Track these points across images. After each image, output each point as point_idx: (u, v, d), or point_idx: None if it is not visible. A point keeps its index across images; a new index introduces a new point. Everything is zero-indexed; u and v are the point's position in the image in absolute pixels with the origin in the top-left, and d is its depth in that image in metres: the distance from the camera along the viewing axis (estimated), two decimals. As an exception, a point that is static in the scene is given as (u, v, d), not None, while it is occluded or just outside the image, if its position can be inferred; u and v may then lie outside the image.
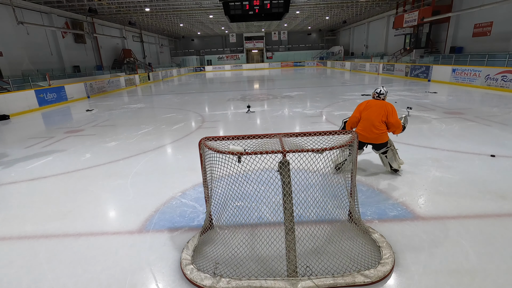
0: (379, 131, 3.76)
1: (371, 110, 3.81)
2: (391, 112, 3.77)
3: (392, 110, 3.79)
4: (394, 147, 4.01)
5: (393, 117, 3.77)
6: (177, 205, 3.50)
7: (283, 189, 2.13)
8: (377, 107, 3.80)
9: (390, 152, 3.97)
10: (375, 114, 3.76)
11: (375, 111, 3.77)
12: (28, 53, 17.00)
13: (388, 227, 2.87)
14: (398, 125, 3.80)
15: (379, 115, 3.75)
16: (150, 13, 23.60)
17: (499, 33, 15.52)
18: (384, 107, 3.78)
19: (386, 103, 3.84)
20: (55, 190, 4.17)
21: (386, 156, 4.01)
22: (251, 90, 16.37)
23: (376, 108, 3.79)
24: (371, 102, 3.89)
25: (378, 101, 3.87)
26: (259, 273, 2.28)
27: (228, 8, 9.57)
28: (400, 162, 4.04)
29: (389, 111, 3.77)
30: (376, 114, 3.76)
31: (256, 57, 45.95)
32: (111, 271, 2.44)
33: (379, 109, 3.78)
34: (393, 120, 3.76)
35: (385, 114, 3.75)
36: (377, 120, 3.75)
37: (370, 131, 3.78)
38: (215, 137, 2.45)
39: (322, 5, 23.82)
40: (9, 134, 8.14)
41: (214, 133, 7.10)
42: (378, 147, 3.94)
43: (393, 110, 3.81)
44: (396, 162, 4.01)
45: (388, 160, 4.03)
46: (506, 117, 7.33)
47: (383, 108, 3.77)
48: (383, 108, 3.77)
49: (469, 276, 2.22)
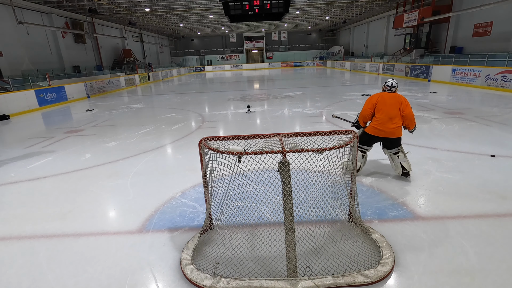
0: (396, 124, 3.64)
1: (385, 103, 3.69)
2: (405, 103, 3.67)
3: (406, 101, 3.70)
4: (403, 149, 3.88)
5: (408, 108, 3.66)
6: (177, 205, 3.50)
7: (283, 189, 2.13)
8: (392, 99, 3.69)
9: (402, 154, 3.82)
10: (391, 107, 3.65)
11: (390, 104, 3.66)
12: (28, 53, 17.00)
13: (388, 227, 2.87)
14: (412, 118, 3.68)
15: (395, 108, 3.64)
16: (150, 13, 23.61)
17: (499, 33, 15.52)
18: (399, 99, 3.68)
19: (399, 95, 3.74)
20: (55, 190, 4.17)
21: (398, 156, 3.83)
22: (251, 90, 16.37)
23: (391, 101, 3.68)
24: (384, 95, 3.76)
25: (391, 94, 3.76)
26: (259, 273, 2.28)
27: (228, 8, 9.56)
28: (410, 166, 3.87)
29: (404, 103, 3.67)
30: (392, 106, 3.65)
31: (256, 57, 45.95)
32: (111, 271, 2.44)
33: (394, 101, 3.67)
34: (408, 111, 3.65)
35: (400, 106, 3.65)
36: (393, 112, 3.64)
37: (386, 125, 3.65)
38: (215, 137, 2.45)
39: (322, 5, 23.83)
40: (9, 134, 8.14)
41: (214, 133, 7.10)
42: (393, 143, 3.77)
43: (407, 102, 3.71)
44: (408, 163, 3.83)
45: (400, 161, 3.84)
46: (506, 117, 7.33)
47: (397, 100, 3.67)
48: (397, 100, 3.67)
49: (469, 276, 2.22)
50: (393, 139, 3.75)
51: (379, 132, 3.72)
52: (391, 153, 3.87)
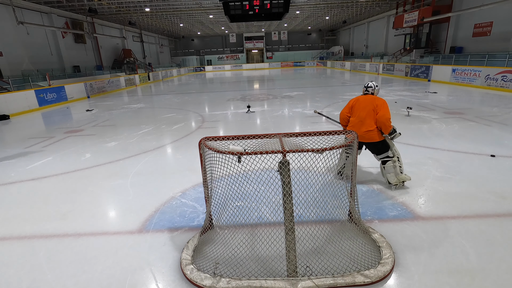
0: (368, 128, 3.46)
1: (359, 106, 3.56)
2: (381, 106, 3.45)
3: (382, 104, 3.47)
4: (399, 160, 3.58)
5: (382, 110, 3.42)
6: (177, 205, 3.50)
7: (283, 189, 2.13)
8: (366, 101, 3.54)
9: (390, 164, 3.56)
10: (363, 110, 3.50)
11: (363, 107, 3.52)
12: (28, 53, 17.00)
13: (388, 227, 2.87)
14: (385, 121, 3.40)
15: (367, 110, 3.47)
16: (150, 13, 23.60)
17: (499, 33, 15.52)
18: (373, 101, 3.50)
19: (375, 97, 3.56)
20: (55, 190, 4.17)
21: (384, 167, 3.62)
22: (251, 90, 16.37)
23: (364, 103, 3.53)
24: (360, 98, 3.64)
25: (367, 96, 3.62)
26: (259, 273, 2.28)
27: (228, 8, 9.56)
28: (402, 177, 3.57)
29: (379, 105, 3.46)
30: (364, 109, 3.49)
31: (256, 57, 45.94)
32: (111, 271, 2.44)
33: (368, 103, 3.52)
34: (381, 113, 3.40)
35: (374, 108, 3.46)
36: (364, 115, 3.47)
37: (357, 129, 3.48)
38: (215, 137, 2.45)
39: (322, 5, 23.82)
40: (9, 134, 8.14)
41: (214, 133, 7.10)
42: (374, 147, 3.58)
43: (384, 105, 3.47)
44: (394, 177, 3.58)
45: (385, 172, 3.62)
46: (506, 117, 7.33)
47: (371, 102, 3.50)
48: (371, 102, 3.50)
49: (469, 276, 2.22)
50: (372, 144, 3.56)
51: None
52: (379, 159, 3.66)
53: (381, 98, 3.57)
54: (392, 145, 3.63)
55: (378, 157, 3.67)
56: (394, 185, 3.61)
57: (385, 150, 3.57)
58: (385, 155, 3.58)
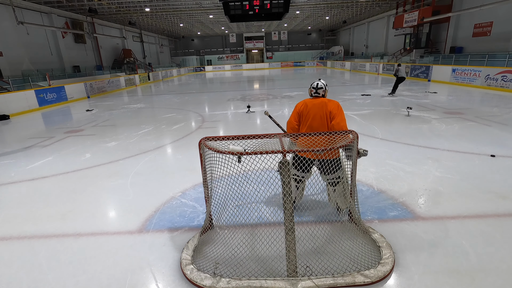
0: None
1: (308, 113, 2.85)
2: (336, 111, 2.78)
3: (336, 107, 2.80)
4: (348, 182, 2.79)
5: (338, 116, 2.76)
6: (177, 205, 3.50)
7: (283, 189, 2.13)
8: (316, 107, 2.83)
9: (340, 186, 2.86)
10: (314, 118, 2.82)
11: (314, 114, 2.82)
12: (28, 53, 17.00)
13: (388, 227, 2.87)
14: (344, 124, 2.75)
15: (319, 118, 2.80)
16: (150, 13, 23.61)
17: (499, 33, 15.52)
18: (324, 106, 2.81)
19: (327, 101, 2.85)
20: (55, 190, 4.17)
21: (334, 189, 2.93)
22: (251, 90, 16.37)
23: (314, 110, 2.83)
24: (307, 103, 2.90)
25: (317, 100, 2.88)
26: (259, 273, 2.28)
27: (228, 8, 9.56)
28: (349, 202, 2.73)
29: (333, 110, 2.78)
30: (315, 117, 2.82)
31: (256, 57, 45.94)
32: (111, 271, 2.44)
33: (319, 110, 2.81)
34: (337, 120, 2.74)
35: (327, 114, 2.79)
36: (316, 124, 2.81)
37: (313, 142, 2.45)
38: (215, 137, 2.45)
39: (322, 5, 23.82)
40: (9, 134, 8.14)
41: (214, 133, 7.10)
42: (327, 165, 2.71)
43: (338, 109, 2.80)
44: (346, 201, 2.84)
45: (335, 195, 2.96)
46: (506, 117, 7.33)
47: (322, 107, 2.81)
48: (323, 108, 2.81)
49: (469, 276, 2.22)
50: (326, 161, 2.71)
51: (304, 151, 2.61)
52: (328, 180, 2.91)
53: (334, 100, 2.87)
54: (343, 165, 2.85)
55: (328, 177, 2.88)
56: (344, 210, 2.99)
57: (336, 170, 2.77)
58: (334, 176, 2.83)
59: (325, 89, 2.97)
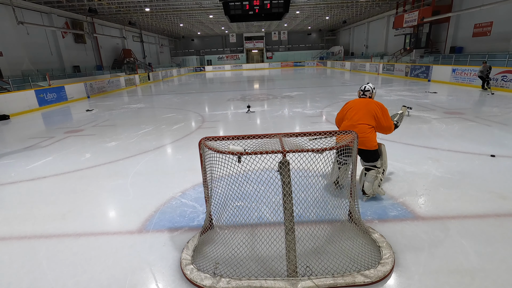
0: (362, 132, 3.11)
1: (353, 110, 3.27)
2: (381, 112, 3.21)
3: (381, 110, 3.22)
4: (383, 173, 3.34)
5: (385, 121, 3.22)
6: (177, 205, 3.50)
7: (283, 189, 2.13)
8: (361, 104, 3.26)
9: (373, 173, 3.28)
10: (357, 114, 3.21)
11: (358, 110, 3.23)
12: (28, 53, 17.00)
13: (388, 227, 2.87)
14: (389, 128, 3.28)
15: (363, 115, 3.18)
16: (150, 13, 23.60)
17: (499, 33, 15.52)
18: (369, 105, 3.22)
19: (372, 102, 3.28)
20: (55, 190, 4.16)
21: (366, 173, 3.34)
22: (251, 90, 16.37)
23: (359, 106, 3.25)
24: (356, 101, 3.35)
25: (363, 100, 3.33)
26: (259, 273, 2.28)
27: (228, 8, 9.56)
28: (378, 190, 3.33)
29: (379, 112, 3.20)
30: (358, 113, 3.20)
31: (256, 57, 45.94)
32: (111, 271, 2.44)
33: (363, 106, 3.23)
34: (385, 124, 3.22)
35: (373, 114, 3.18)
36: (358, 118, 3.18)
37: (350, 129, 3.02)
38: (215, 137, 2.45)
39: (322, 5, 23.82)
40: (9, 134, 8.14)
41: (214, 133, 7.10)
42: (364, 154, 3.25)
43: (384, 111, 3.24)
44: (371, 187, 3.30)
45: (364, 179, 3.35)
46: (506, 117, 7.33)
47: (368, 106, 3.22)
48: (368, 107, 3.21)
49: (469, 276, 2.22)
50: (363, 151, 3.20)
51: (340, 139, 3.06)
52: (364, 165, 3.37)
53: (378, 102, 3.29)
54: (384, 157, 3.37)
55: (364, 163, 3.36)
56: (366, 196, 3.38)
57: (374, 160, 3.26)
58: (372, 164, 3.29)
59: (372, 92, 3.42)
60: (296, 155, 2.33)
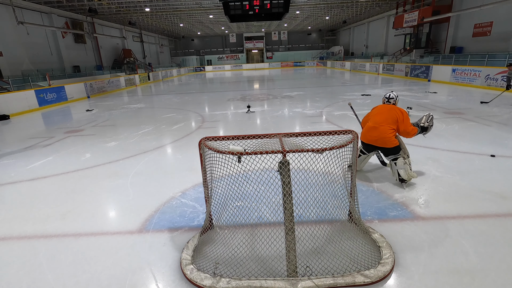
0: (382, 134, 3.60)
1: (376, 112, 3.78)
2: (401, 117, 3.63)
3: (402, 115, 3.65)
4: (407, 157, 3.70)
5: (405, 125, 3.62)
6: (177, 205, 3.50)
7: (283, 189, 2.13)
8: (384, 108, 3.76)
9: (401, 160, 3.66)
10: (379, 116, 3.70)
11: (380, 113, 3.72)
12: (28, 53, 17.00)
13: (388, 227, 2.87)
14: (409, 132, 3.65)
15: (385, 117, 3.65)
16: (150, 13, 23.60)
17: (499, 33, 15.52)
18: (392, 111, 3.68)
19: (395, 108, 3.73)
20: (55, 190, 4.16)
21: (395, 163, 3.70)
22: (251, 90, 16.37)
23: (382, 110, 3.75)
24: (380, 106, 3.88)
25: (387, 105, 3.84)
26: (259, 273, 2.28)
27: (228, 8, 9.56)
28: (411, 174, 3.63)
29: (400, 118, 3.62)
30: (381, 115, 3.69)
31: (256, 57, 45.94)
32: (111, 271, 2.44)
33: (385, 110, 3.72)
34: (404, 129, 3.62)
35: (394, 118, 3.62)
36: (380, 120, 3.65)
37: (370, 133, 3.70)
38: (215, 137, 2.45)
39: (322, 5, 23.83)
40: (9, 134, 8.14)
41: (214, 133, 7.10)
42: (387, 152, 3.72)
43: (404, 116, 3.65)
44: (405, 172, 3.64)
45: (397, 168, 3.69)
46: (506, 117, 7.33)
47: (390, 111, 3.69)
48: (390, 111, 3.68)
49: (469, 276, 2.22)
50: (384, 149, 3.71)
51: (364, 138, 3.82)
52: (389, 159, 3.80)
53: (401, 108, 3.74)
54: (403, 145, 3.76)
55: (388, 158, 3.79)
56: (405, 182, 3.70)
57: (396, 152, 3.68)
58: (394, 156, 3.70)
59: (395, 99, 3.95)
60: (296, 155, 2.33)
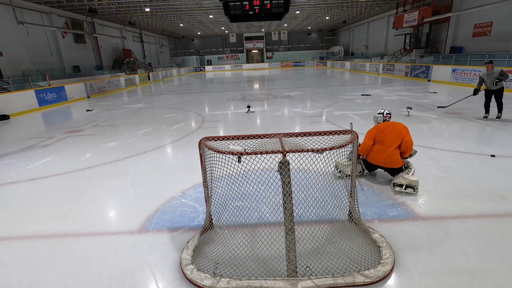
0: (392, 155, 3.65)
1: (383, 132, 3.76)
2: (406, 131, 3.73)
3: (406, 129, 3.77)
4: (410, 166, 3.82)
5: (408, 137, 3.70)
6: (177, 205, 3.50)
7: (283, 189, 2.13)
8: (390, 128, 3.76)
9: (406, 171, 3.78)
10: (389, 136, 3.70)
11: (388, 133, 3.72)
12: (28, 53, 17.00)
13: (388, 227, 2.87)
14: (411, 146, 3.71)
15: (393, 136, 3.68)
16: (150, 13, 23.60)
17: (499, 33, 15.52)
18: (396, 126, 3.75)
19: (396, 123, 3.82)
20: (55, 190, 4.16)
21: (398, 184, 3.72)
22: (251, 90, 16.37)
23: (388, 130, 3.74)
24: (379, 125, 3.87)
25: (388, 123, 3.86)
26: (259, 273, 2.28)
27: (228, 8, 9.55)
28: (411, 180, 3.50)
29: (404, 132, 3.71)
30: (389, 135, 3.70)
31: (256, 57, 45.94)
32: (111, 271, 2.44)
33: (392, 129, 3.73)
34: (408, 139, 3.68)
35: (399, 136, 3.68)
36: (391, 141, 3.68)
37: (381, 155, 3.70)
38: (215, 137, 2.45)
39: (322, 5, 23.83)
40: (9, 134, 8.14)
41: (214, 133, 7.10)
42: (391, 171, 3.80)
43: (408, 130, 3.77)
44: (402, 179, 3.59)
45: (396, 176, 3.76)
46: (506, 117, 7.33)
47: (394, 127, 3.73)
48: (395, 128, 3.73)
49: (469, 276, 2.22)
50: (390, 169, 3.78)
51: (372, 159, 3.82)
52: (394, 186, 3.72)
53: (401, 123, 3.83)
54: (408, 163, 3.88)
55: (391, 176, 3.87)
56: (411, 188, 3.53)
57: (400, 171, 3.75)
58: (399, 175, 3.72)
59: (390, 116, 4.08)
60: (296, 155, 2.33)
